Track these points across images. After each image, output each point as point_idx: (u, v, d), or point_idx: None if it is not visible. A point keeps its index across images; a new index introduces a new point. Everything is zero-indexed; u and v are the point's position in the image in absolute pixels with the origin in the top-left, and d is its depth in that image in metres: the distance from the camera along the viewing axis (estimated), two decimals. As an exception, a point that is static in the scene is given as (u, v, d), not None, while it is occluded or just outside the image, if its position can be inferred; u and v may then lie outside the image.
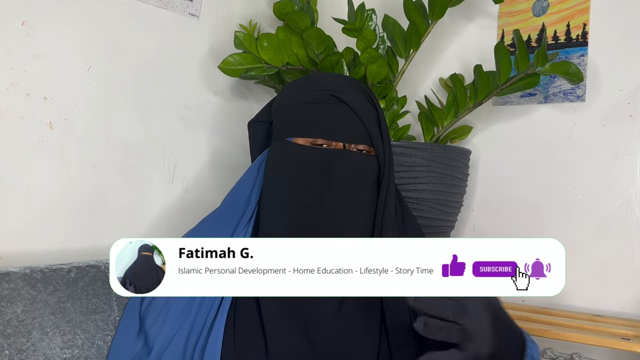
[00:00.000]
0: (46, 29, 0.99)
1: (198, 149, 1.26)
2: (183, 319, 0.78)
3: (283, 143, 0.84)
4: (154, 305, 0.80)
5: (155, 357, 0.77)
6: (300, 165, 0.81)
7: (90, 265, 0.88)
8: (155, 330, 0.79)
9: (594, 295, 1.19)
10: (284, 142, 0.84)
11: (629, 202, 1.17)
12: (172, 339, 0.78)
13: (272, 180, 0.84)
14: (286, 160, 0.83)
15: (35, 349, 0.74)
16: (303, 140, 0.82)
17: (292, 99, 0.86)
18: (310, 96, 0.84)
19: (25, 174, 0.97)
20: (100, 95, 1.07)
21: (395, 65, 1.23)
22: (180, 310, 0.79)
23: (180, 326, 0.78)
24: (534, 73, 1.13)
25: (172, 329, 0.78)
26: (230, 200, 0.87)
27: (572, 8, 1.25)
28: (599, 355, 1.16)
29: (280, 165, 0.84)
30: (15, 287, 0.77)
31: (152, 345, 0.78)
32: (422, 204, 1.13)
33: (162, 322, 0.79)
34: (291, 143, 0.83)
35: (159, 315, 0.79)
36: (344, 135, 0.81)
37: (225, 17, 1.31)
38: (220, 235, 0.83)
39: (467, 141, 1.35)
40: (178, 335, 0.78)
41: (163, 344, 0.78)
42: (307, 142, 0.82)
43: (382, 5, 1.35)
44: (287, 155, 0.83)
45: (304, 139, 0.82)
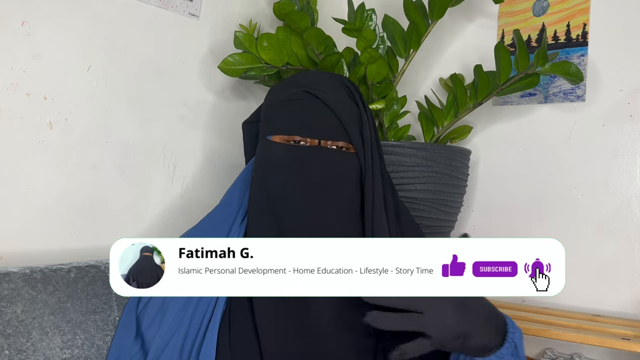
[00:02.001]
0: (46, 29, 0.99)
1: (198, 149, 1.26)
2: (179, 322, 0.78)
3: (264, 142, 0.85)
4: (150, 308, 0.80)
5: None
6: (276, 163, 0.82)
7: (90, 265, 0.88)
8: (151, 333, 0.79)
9: (594, 295, 1.19)
10: (265, 141, 0.84)
11: (629, 202, 1.17)
12: (168, 342, 0.77)
13: (255, 179, 0.85)
14: (264, 159, 0.83)
15: (35, 349, 0.74)
16: (280, 138, 0.82)
17: (272, 98, 0.87)
18: (287, 94, 0.84)
19: (25, 174, 0.97)
20: (100, 95, 1.07)
21: (395, 65, 1.22)
22: (175, 313, 0.79)
23: (176, 330, 0.78)
24: (534, 73, 1.13)
25: (168, 333, 0.78)
26: (226, 201, 0.88)
27: (572, 8, 1.25)
28: (599, 355, 1.16)
29: (261, 164, 0.84)
30: (15, 287, 0.77)
31: (148, 349, 0.78)
32: (422, 204, 1.13)
33: (158, 325, 0.79)
34: (270, 141, 0.83)
35: (155, 318, 0.80)
36: (319, 131, 0.80)
37: (225, 17, 1.31)
38: (216, 236, 0.83)
39: (467, 141, 1.35)
40: (174, 339, 0.78)
41: (159, 348, 0.77)
42: (284, 140, 0.82)
43: (382, 5, 1.35)
44: (265, 153, 0.84)
45: (281, 136, 0.82)
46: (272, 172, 0.82)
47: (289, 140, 0.82)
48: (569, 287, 1.21)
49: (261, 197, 0.82)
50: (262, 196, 0.82)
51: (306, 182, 0.79)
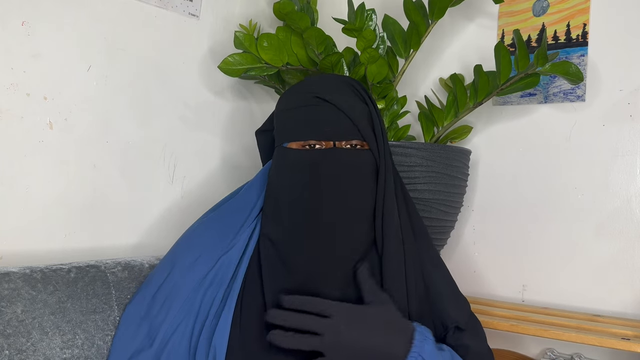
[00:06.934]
0: (46, 29, 0.99)
1: (198, 149, 1.26)
2: (187, 308, 0.81)
3: (280, 149, 0.87)
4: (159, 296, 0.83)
5: (158, 346, 0.80)
6: (293, 167, 0.84)
7: (90, 265, 0.88)
8: (159, 318, 0.82)
9: (594, 295, 1.19)
10: (281, 148, 0.87)
11: (629, 202, 1.17)
12: (176, 328, 0.80)
13: (272, 185, 0.87)
14: (282, 166, 0.86)
15: (35, 349, 0.74)
16: (296, 144, 0.84)
17: (283, 106, 0.88)
18: (297, 101, 0.86)
19: (25, 174, 0.97)
20: (100, 95, 1.07)
21: (395, 65, 1.23)
22: (185, 299, 0.82)
23: (186, 315, 0.81)
24: (534, 73, 1.13)
25: (177, 318, 0.81)
26: (236, 204, 0.90)
27: (572, 8, 1.25)
28: (599, 355, 1.16)
29: (278, 170, 0.86)
30: (15, 287, 0.77)
31: (155, 335, 0.81)
32: (422, 204, 1.13)
33: (167, 311, 0.82)
34: (286, 148, 0.85)
35: (164, 303, 0.82)
36: (332, 133, 0.82)
37: (225, 17, 1.31)
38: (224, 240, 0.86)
39: (467, 141, 1.35)
40: (183, 324, 0.80)
41: (167, 333, 0.80)
42: (299, 146, 0.84)
43: (382, 5, 1.35)
44: (283, 160, 0.86)
45: (297, 142, 0.84)
46: (289, 176, 0.84)
47: (304, 145, 0.83)
48: (569, 287, 1.22)
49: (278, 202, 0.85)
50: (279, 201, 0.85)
51: (324, 183, 0.81)
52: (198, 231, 0.89)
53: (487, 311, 1.15)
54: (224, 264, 0.84)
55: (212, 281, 0.83)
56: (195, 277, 0.83)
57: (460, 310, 0.86)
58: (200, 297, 0.82)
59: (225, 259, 0.84)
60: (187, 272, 0.83)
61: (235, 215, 0.88)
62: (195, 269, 0.83)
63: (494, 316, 1.12)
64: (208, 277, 0.83)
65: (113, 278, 0.88)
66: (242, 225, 0.87)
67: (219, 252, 0.85)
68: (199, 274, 0.83)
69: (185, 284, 0.83)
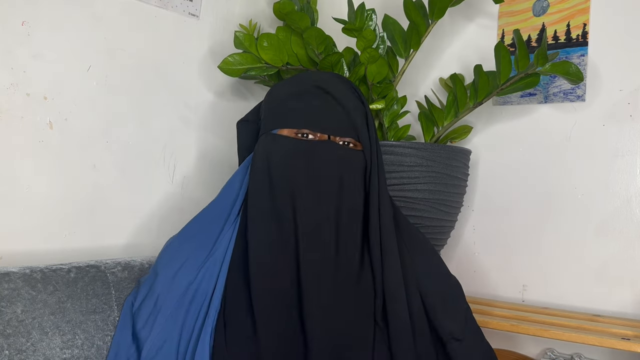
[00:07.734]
0: (46, 29, 0.99)
1: (198, 149, 1.26)
2: (171, 324, 0.78)
3: (269, 136, 0.83)
4: (144, 309, 0.81)
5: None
6: (283, 156, 0.80)
7: (90, 265, 0.88)
8: (144, 333, 0.79)
9: (594, 295, 1.19)
10: (270, 135, 0.83)
11: (629, 202, 1.17)
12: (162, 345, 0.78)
13: (258, 172, 0.83)
14: (269, 153, 0.82)
15: (35, 349, 0.74)
16: (287, 131, 0.82)
17: (279, 93, 0.86)
18: (296, 88, 0.84)
19: (25, 174, 0.97)
20: (100, 95, 1.07)
21: (395, 65, 1.22)
22: (168, 315, 0.79)
23: (170, 332, 0.78)
24: (534, 73, 1.13)
25: (161, 334, 0.78)
26: (220, 199, 0.87)
27: (572, 8, 1.25)
28: (599, 355, 1.16)
29: (265, 157, 0.82)
30: (15, 287, 0.77)
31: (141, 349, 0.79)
32: (422, 204, 1.13)
33: (151, 327, 0.79)
34: (276, 135, 0.82)
35: (149, 319, 0.80)
36: (329, 126, 0.80)
37: (225, 17, 1.31)
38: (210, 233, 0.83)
39: (467, 141, 1.35)
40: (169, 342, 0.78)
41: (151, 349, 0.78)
42: (292, 133, 0.81)
43: (382, 5, 1.35)
44: (272, 146, 0.82)
45: (289, 130, 0.81)
46: (278, 165, 0.81)
47: (298, 133, 0.81)
48: (569, 287, 1.22)
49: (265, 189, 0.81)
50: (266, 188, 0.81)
51: (315, 177, 0.79)
52: (176, 243, 0.86)
53: (487, 311, 1.15)
54: (205, 276, 0.80)
55: (195, 295, 0.80)
56: (178, 291, 0.80)
57: (454, 320, 0.83)
58: (184, 314, 0.79)
59: (206, 270, 0.81)
60: (170, 285, 0.80)
61: (213, 221, 0.85)
62: (175, 281, 0.80)
63: (494, 316, 1.12)
64: (190, 290, 0.80)
65: (113, 278, 0.88)
66: (221, 230, 0.83)
67: (198, 263, 0.81)
68: (181, 287, 0.80)
69: (167, 299, 0.80)
